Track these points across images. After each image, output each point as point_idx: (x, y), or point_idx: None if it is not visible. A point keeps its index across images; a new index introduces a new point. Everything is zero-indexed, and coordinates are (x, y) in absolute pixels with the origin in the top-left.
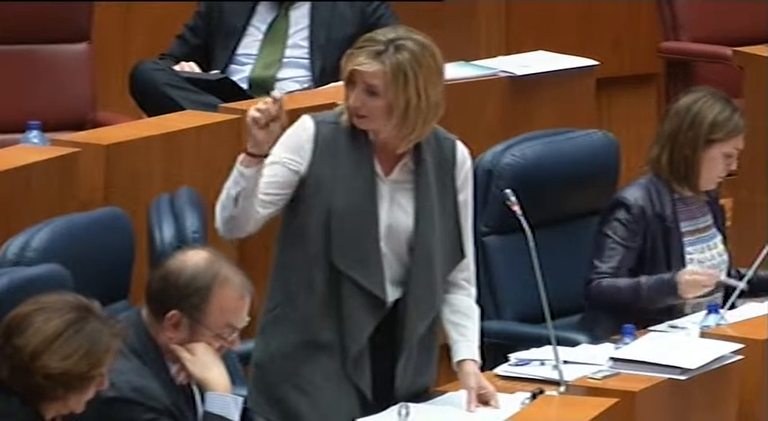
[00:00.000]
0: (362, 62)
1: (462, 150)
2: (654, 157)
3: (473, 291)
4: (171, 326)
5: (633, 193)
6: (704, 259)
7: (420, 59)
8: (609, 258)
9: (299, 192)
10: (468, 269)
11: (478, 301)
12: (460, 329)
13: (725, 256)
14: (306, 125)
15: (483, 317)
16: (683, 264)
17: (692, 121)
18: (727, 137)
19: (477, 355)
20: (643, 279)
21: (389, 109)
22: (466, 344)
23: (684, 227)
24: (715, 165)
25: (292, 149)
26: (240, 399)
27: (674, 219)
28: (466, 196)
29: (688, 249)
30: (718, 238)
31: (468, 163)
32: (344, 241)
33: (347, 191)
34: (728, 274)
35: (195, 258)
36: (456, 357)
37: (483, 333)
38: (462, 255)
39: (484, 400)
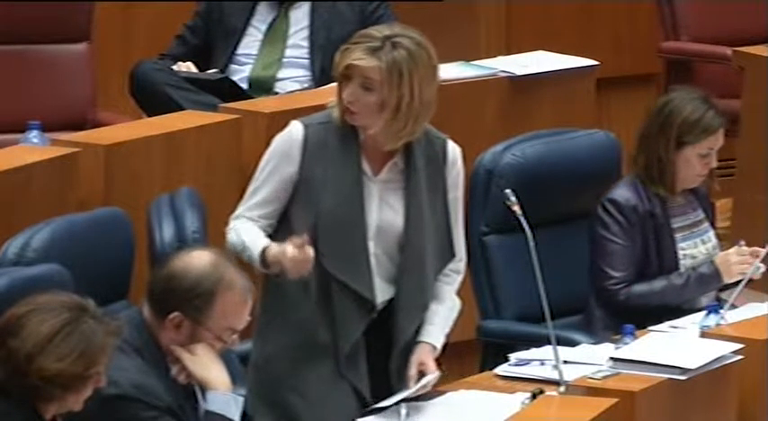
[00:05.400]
0: (360, 57)
1: (453, 149)
2: (632, 159)
3: (456, 277)
4: (173, 327)
5: (623, 193)
6: (698, 254)
7: (416, 58)
8: (620, 264)
9: (292, 195)
10: (456, 262)
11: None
12: (429, 314)
13: (718, 250)
14: (293, 131)
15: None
16: (675, 260)
17: (662, 124)
18: (698, 139)
19: (434, 339)
20: (674, 277)
21: (382, 105)
22: (427, 328)
23: (677, 222)
24: (691, 166)
25: (281, 160)
26: (241, 399)
27: (664, 216)
28: (456, 194)
29: (681, 245)
30: (712, 233)
31: (459, 162)
32: (332, 242)
33: (334, 191)
34: None
35: (200, 261)
36: (416, 338)
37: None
38: (452, 254)
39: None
